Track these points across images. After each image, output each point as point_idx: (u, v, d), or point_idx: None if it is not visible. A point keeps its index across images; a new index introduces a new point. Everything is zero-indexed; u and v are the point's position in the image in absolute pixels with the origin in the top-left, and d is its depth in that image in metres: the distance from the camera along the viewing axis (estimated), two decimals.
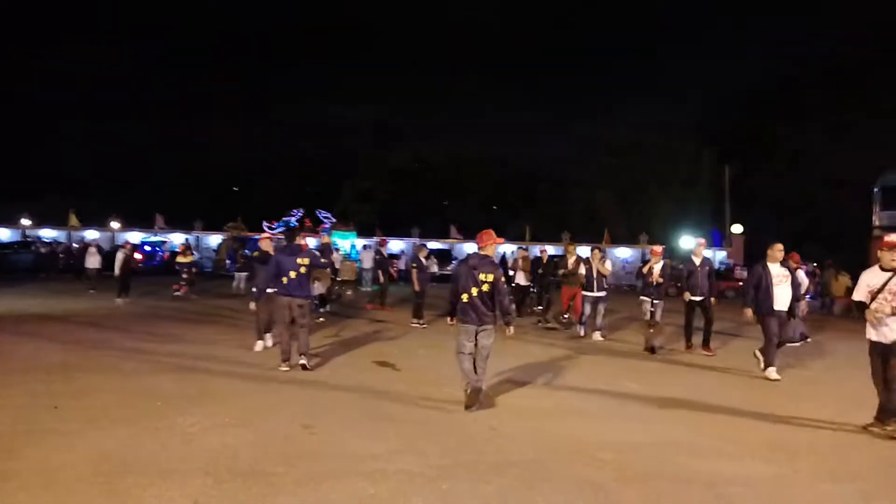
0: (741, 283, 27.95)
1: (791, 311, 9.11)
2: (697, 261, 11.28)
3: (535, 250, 19.25)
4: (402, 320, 14.17)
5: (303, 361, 8.39)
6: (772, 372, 8.89)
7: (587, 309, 12.53)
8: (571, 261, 13.60)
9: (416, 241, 41.02)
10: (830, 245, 34.37)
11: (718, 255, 39.52)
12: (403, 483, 4.57)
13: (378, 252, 17.68)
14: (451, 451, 5.29)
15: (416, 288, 13.75)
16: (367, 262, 24.57)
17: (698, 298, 11.17)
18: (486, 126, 75.77)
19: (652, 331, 11.22)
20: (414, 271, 13.89)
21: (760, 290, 8.94)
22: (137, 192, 51.73)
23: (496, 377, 8.22)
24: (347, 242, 31.71)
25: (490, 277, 6.50)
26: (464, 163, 53.00)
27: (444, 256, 36.22)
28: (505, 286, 6.67)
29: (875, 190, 34.51)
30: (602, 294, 12.52)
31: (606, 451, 5.46)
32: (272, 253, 9.70)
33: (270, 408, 6.50)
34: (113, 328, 11.92)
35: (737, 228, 37.13)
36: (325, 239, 8.73)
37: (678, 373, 9.45)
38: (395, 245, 40.53)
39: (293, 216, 37.37)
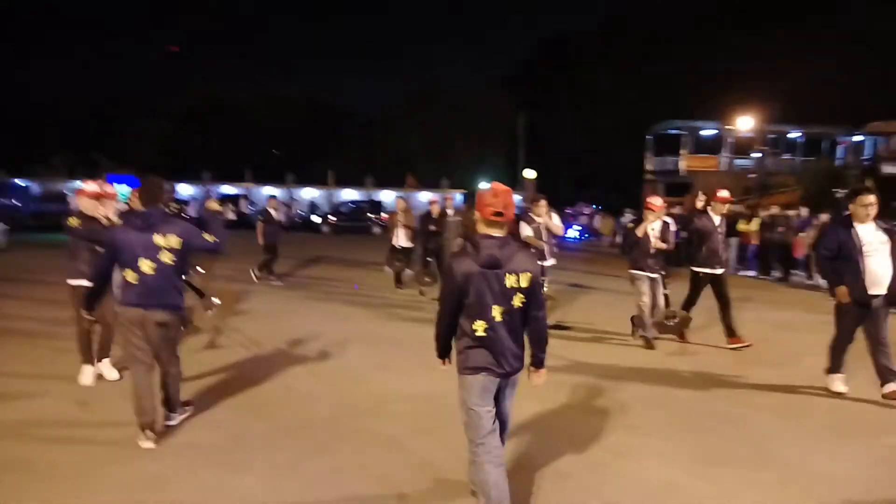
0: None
1: (893, 294, 5.84)
2: (717, 219, 7.98)
3: (418, 199, 14.25)
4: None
5: (171, 423, 4.89)
6: (837, 382, 6.20)
7: None
8: None
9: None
10: (609, 188, 37.66)
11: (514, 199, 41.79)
12: (191, 457, 4.39)
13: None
14: (244, 418, 5.16)
15: (260, 241, 12.95)
16: None
17: (718, 271, 7.93)
18: (289, 67, 72.88)
19: (674, 321, 8.19)
20: (260, 224, 13.07)
21: (844, 264, 5.89)
22: None
23: (298, 335, 8.12)
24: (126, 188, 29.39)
25: (526, 280, 3.45)
26: (262, 103, 50.34)
27: (237, 202, 34.84)
28: (542, 292, 3.70)
29: (649, 138, 38.30)
30: (553, 262, 9.37)
31: (402, 403, 5.64)
32: (101, 219, 5.83)
33: (39, 381, 5.88)
34: None
35: (529, 173, 39.38)
36: (212, 203, 5.32)
37: None
38: (184, 190, 38.11)
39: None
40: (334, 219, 33.38)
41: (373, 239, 28.46)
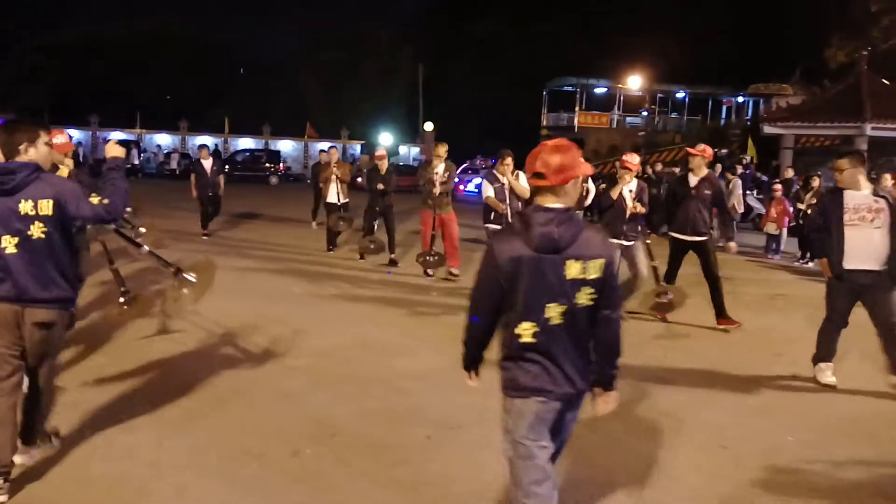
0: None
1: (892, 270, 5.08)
2: (694, 179, 7.03)
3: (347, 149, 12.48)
4: None
5: (26, 459, 3.53)
6: (825, 373, 5.45)
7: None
8: (439, 170, 9.00)
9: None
10: (508, 142, 38.09)
11: (413, 151, 41.67)
12: (75, 416, 4.21)
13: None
14: (134, 375, 5.02)
15: (194, 194, 12.36)
16: None
17: (690, 238, 7.01)
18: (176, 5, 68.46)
19: (668, 298, 7.10)
20: (193, 176, 12.40)
21: (828, 234, 5.27)
22: None
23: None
24: None
25: (597, 269, 2.56)
26: (149, 42, 46.98)
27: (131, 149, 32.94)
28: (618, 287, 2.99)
29: (544, 93, 38.94)
30: None
31: (301, 357, 5.64)
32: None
33: None
34: None
35: (428, 126, 39.22)
36: (114, 148, 3.67)
37: (396, 281, 9.93)
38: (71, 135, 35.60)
39: None
40: (227, 168, 32.21)
41: (273, 189, 27.79)
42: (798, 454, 4.25)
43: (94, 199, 3.36)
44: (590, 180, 9.88)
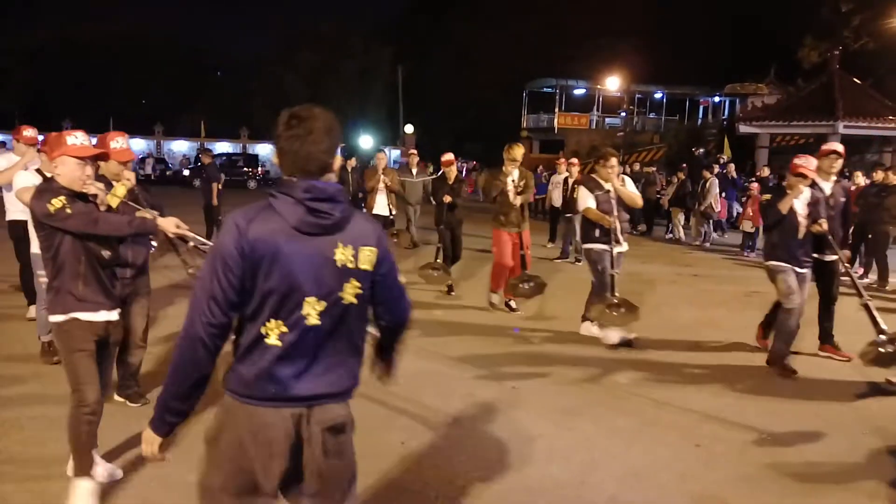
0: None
1: None
2: (828, 186, 5.88)
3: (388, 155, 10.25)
4: None
5: None
6: None
7: (598, 278, 6.39)
8: (514, 177, 7.31)
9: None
10: (488, 144, 38.15)
11: (393, 154, 41.56)
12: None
13: None
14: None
15: (215, 202, 12.03)
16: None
17: (829, 258, 5.87)
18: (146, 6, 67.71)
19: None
20: (214, 186, 12.06)
21: None
22: None
23: None
24: None
25: None
26: (124, 44, 46.35)
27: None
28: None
29: (524, 94, 38.99)
30: (626, 248, 6.54)
31: None
32: (100, 201, 3.33)
33: None
34: None
35: (408, 128, 39.14)
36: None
37: None
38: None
39: None
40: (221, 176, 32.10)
41: (253, 194, 27.58)
42: (771, 451, 4.24)
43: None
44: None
